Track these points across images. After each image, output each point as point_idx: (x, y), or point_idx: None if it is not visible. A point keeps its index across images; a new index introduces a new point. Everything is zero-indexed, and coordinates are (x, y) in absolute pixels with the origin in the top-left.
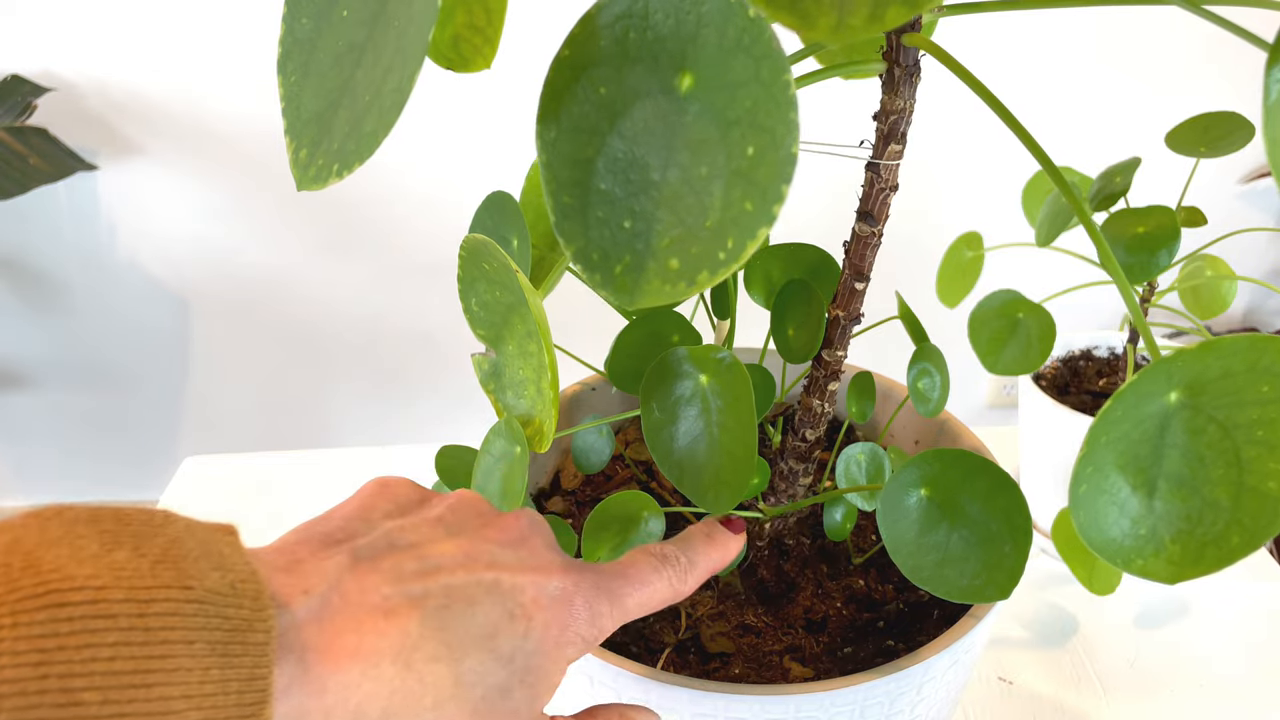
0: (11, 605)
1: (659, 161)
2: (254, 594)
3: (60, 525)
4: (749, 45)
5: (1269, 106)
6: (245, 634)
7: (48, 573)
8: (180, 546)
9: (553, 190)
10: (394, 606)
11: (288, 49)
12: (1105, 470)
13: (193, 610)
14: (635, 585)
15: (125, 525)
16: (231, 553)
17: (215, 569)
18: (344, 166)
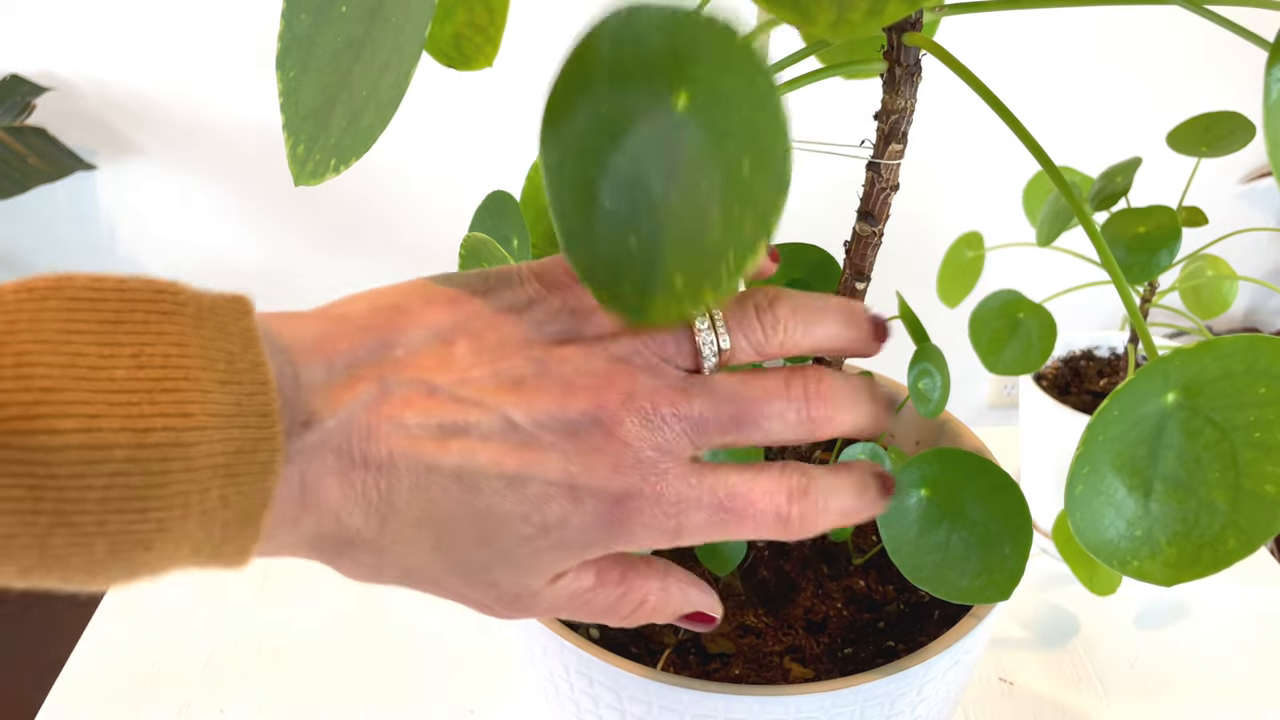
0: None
1: (660, 179)
2: (263, 411)
3: (58, 310)
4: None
5: (1269, 106)
6: (251, 455)
7: (39, 392)
8: (183, 356)
9: (558, 210)
10: (393, 464)
11: (286, 45)
12: (1101, 471)
13: (193, 439)
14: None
15: (129, 314)
16: (243, 351)
17: (221, 383)
18: (341, 161)
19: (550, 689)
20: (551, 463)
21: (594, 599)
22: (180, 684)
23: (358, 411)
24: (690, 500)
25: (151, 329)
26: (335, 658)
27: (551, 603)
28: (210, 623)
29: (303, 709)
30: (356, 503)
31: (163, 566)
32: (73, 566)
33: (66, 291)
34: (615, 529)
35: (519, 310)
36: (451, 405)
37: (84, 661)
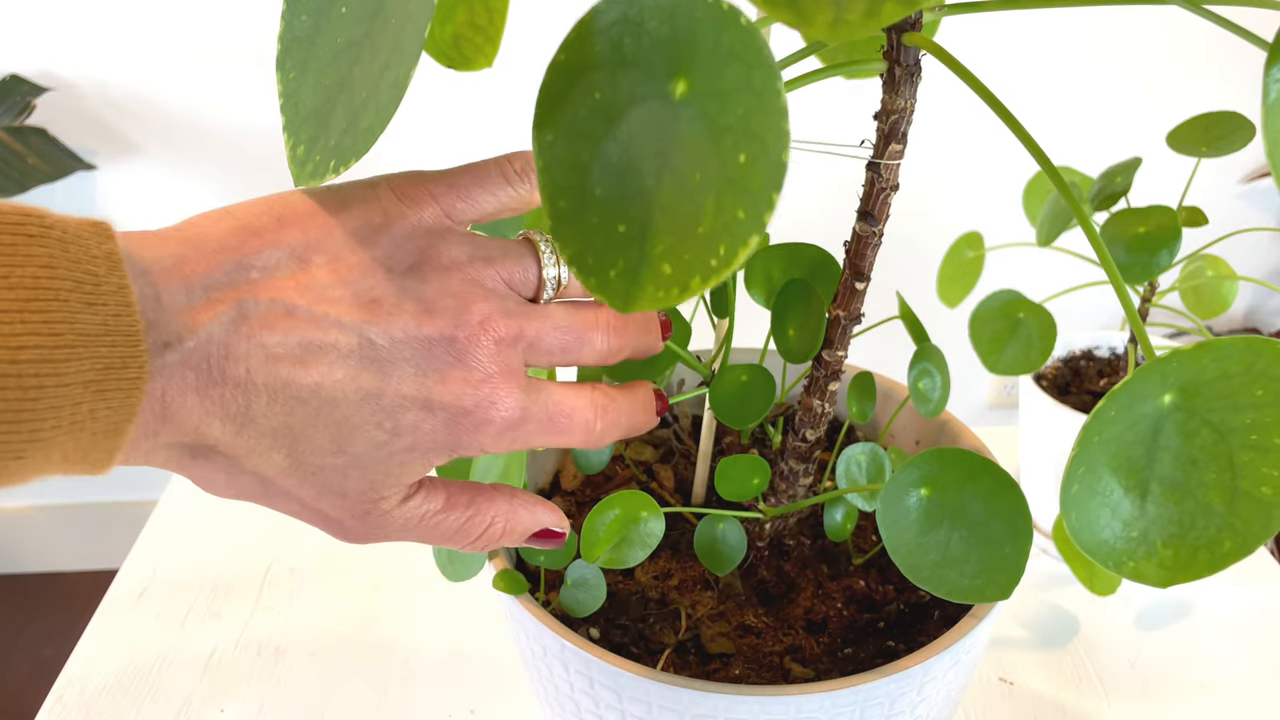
0: None
1: (653, 167)
2: (128, 331)
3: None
4: (741, 52)
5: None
6: (120, 371)
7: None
8: (51, 276)
9: (549, 194)
10: (250, 381)
11: (287, 46)
12: (1097, 471)
13: (63, 356)
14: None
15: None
16: (108, 274)
17: (88, 304)
18: (340, 162)
19: (550, 689)
20: (407, 377)
21: (444, 520)
22: (180, 684)
23: (216, 331)
24: (528, 413)
25: (20, 251)
26: (335, 658)
27: (404, 523)
28: (210, 623)
29: (303, 709)
30: (215, 416)
31: (31, 474)
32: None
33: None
34: (462, 435)
35: (377, 229)
36: (309, 325)
37: (84, 661)
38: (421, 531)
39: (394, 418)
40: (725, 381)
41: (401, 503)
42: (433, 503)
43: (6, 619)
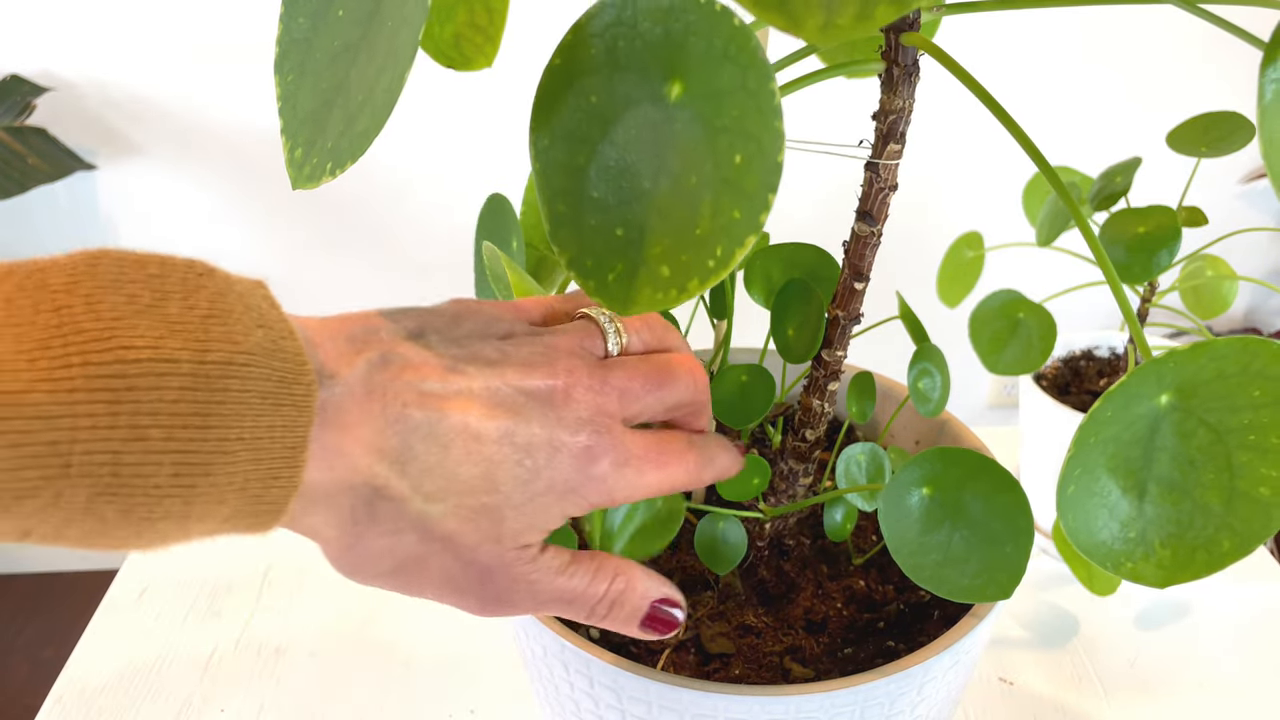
0: (80, 347)
1: (650, 169)
2: (294, 352)
3: (110, 267)
4: (735, 54)
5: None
6: (290, 385)
7: (110, 320)
8: (223, 301)
9: (547, 198)
10: (404, 416)
11: (285, 49)
12: (1095, 472)
13: (243, 361)
14: (664, 470)
15: (170, 273)
16: (270, 309)
17: (258, 326)
18: (337, 165)
19: (550, 689)
20: (531, 418)
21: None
22: (180, 684)
23: (370, 371)
24: (634, 450)
25: (191, 283)
26: (335, 658)
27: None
28: (210, 623)
29: (303, 709)
30: (381, 453)
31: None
32: (137, 494)
33: (112, 254)
34: (585, 473)
35: (465, 317)
36: (444, 372)
37: (84, 661)
38: (552, 593)
39: (531, 455)
40: (725, 382)
41: (539, 554)
42: (561, 557)
43: (6, 619)
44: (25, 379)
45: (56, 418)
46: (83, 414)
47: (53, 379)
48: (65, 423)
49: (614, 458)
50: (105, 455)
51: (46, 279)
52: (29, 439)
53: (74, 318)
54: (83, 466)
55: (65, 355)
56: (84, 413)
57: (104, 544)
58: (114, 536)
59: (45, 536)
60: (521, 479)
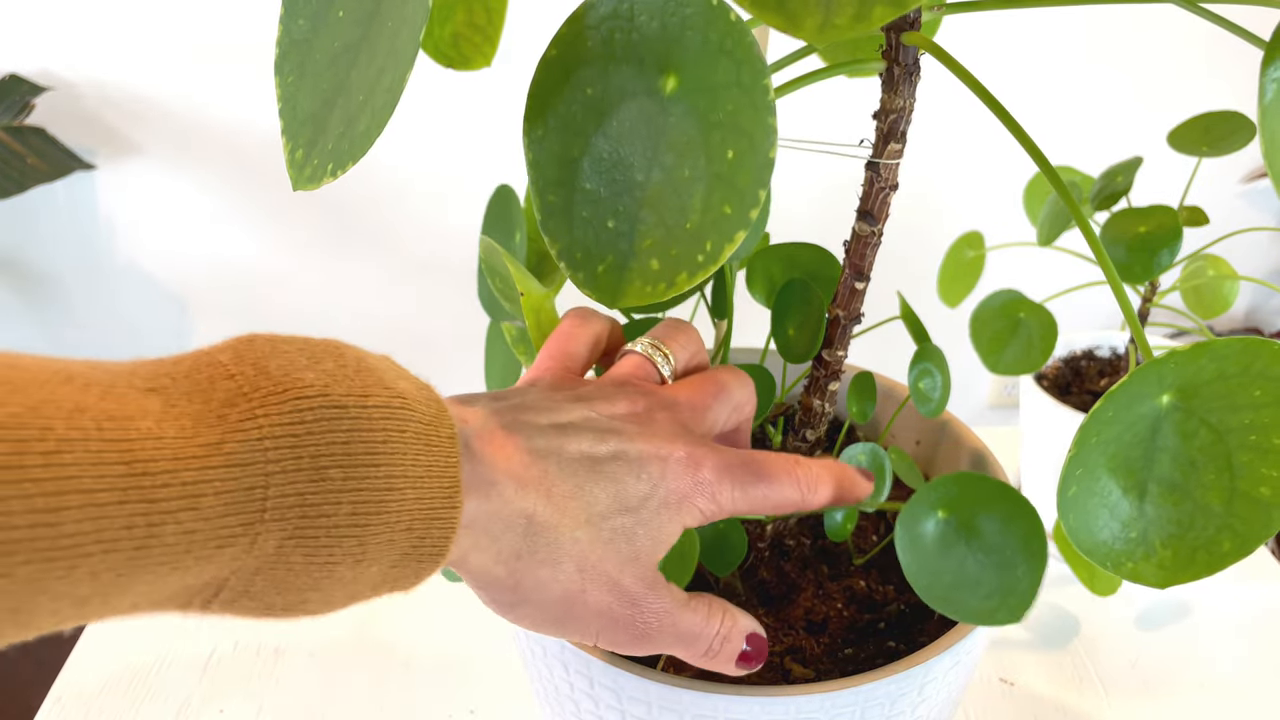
0: (260, 400)
1: (643, 162)
2: (435, 399)
3: (264, 343)
4: (731, 49)
5: (1265, 106)
6: (437, 427)
7: (279, 377)
8: (367, 361)
9: (539, 188)
10: (534, 448)
11: (285, 50)
12: (1095, 472)
13: (399, 405)
14: (764, 480)
15: (316, 346)
16: (403, 369)
17: (400, 378)
18: (338, 166)
19: (550, 689)
20: (634, 436)
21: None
22: (180, 684)
23: (490, 417)
24: (731, 460)
25: (335, 350)
26: (335, 658)
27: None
28: (210, 623)
29: (302, 709)
30: (524, 481)
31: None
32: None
33: (262, 336)
34: (695, 478)
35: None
36: (552, 412)
37: (84, 661)
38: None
39: (645, 468)
40: None
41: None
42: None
43: None
44: (219, 432)
45: (251, 464)
46: (273, 459)
47: (243, 430)
48: (259, 468)
49: (714, 463)
50: (294, 496)
51: (214, 358)
52: (230, 485)
53: (248, 380)
54: (276, 509)
55: (249, 409)
56: (274, 458)
57: (283, 602)
58: (294, 589)
59: (235, 591)
60: (643, 494)
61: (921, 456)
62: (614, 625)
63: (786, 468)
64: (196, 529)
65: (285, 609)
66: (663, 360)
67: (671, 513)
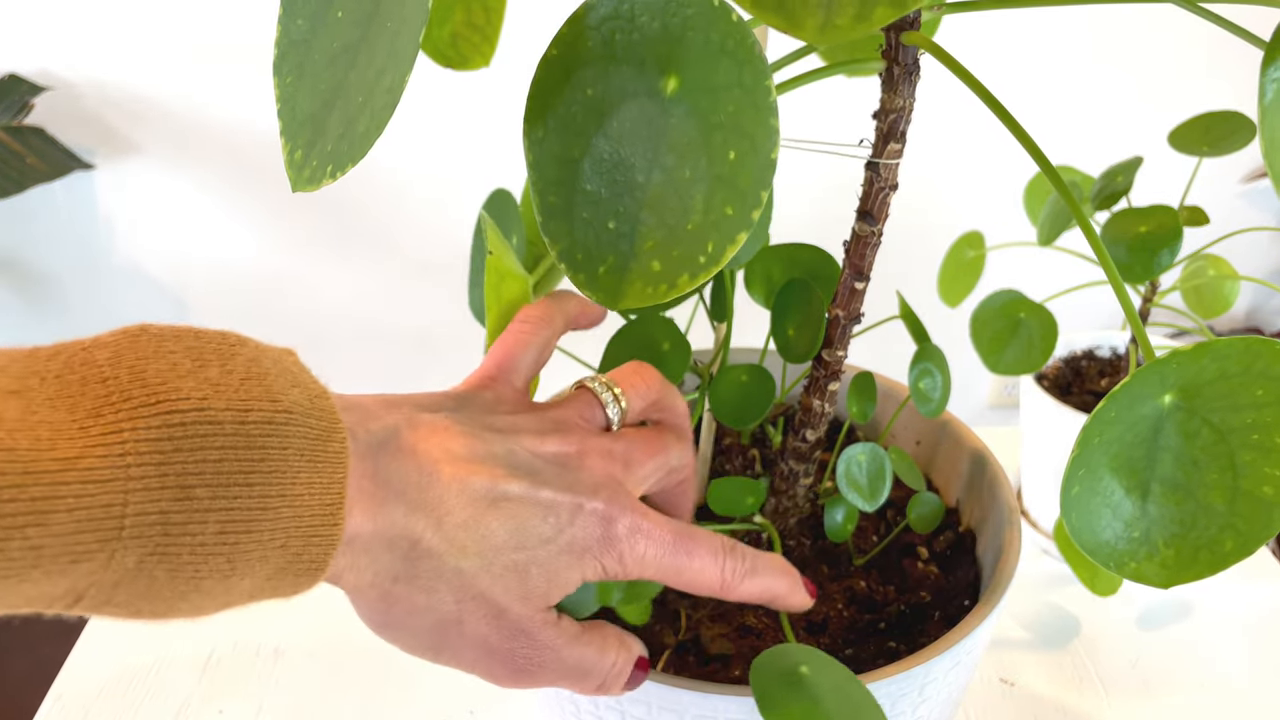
0: (129, 412)
1: (644, 163)
2: (328, 409)
3: (150, 341)
4: (733, 49)
5: (1265, 106)
6: (326, 442)
7: (155, 385)
8: (259, 365)
9: (539, 189)
10: (438, 474)
11: (283, 50)
12: (1098, 472)
13: (282, 419)
14: (684, 554)
15: (206, 343)
16: (300, 372)
17: (293, 386)
18: (337, 167)
19: (550, 689)
20: (551, 479)
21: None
22: (180, 684)
23: (399, 429)
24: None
25: (225, 351)
26: (334, 658)
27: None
28: (210, 623)
29: (302, 709)
30: (416, 505)
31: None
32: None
33: (151, 330)
34: (605, 533)
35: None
36: (467, 437)
37: (84, 661)
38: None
39: (554, 513)
40: (725, 382)
41: (558, 621)
42: (574, 625)
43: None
44: (80, 445)
45: (110, 480)
46: (135, 476)
47: (105, 444)
48: (118, 485)
49: (629, 523)
50: (155, 515)
51: (92, 356)
52: (85, 502)
53: (121, 386)
54: (135, 528)
55: (116, 422)
56: (136, 475)
57: (150, 609)
58: (160, 599)
59: (96, 601)
60: (546, 536)
61: (921, 456)
62: (490, 657)
63: (712, 551)
64: (44, 544)
65: (154, 615)
66: (612, 403)
67: (573, 560)
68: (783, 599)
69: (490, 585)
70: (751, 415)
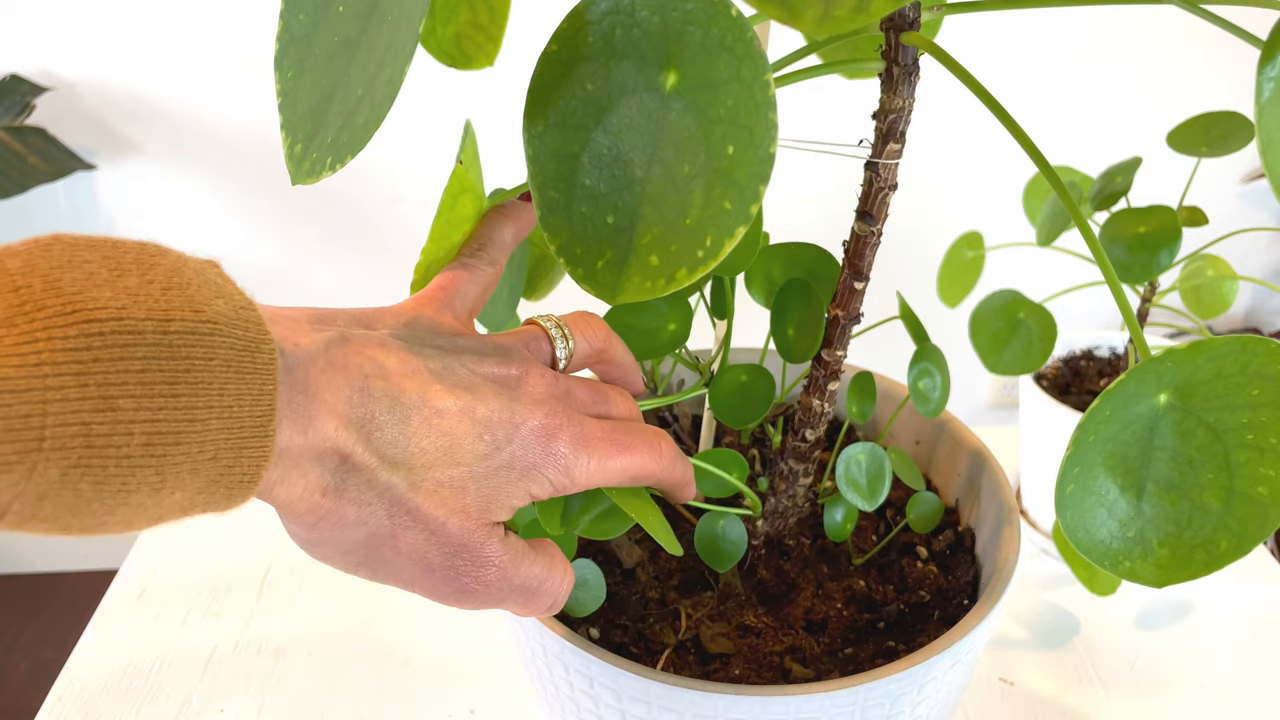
0: (44, 322)
1: (643, 158)
2: (255, 320)
3: (64, 249)
4: (732, 44)
5: (1262, 105)
6: (254, 354)
7: (71, 295)
8: (180, 275)
9: (539, 184)
10: (368, 387)
11: (284, 45)
12: (1093, 471)
13: (207, 330)
14: (625, 451)
15: (124, 253)
16: (225, 283)
17: (217, 297)
18: (337, 160)
19: (550, 689)
20: (488, 396)
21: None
22: (180, 684)
23: (330, 345)
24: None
25: (145, 260)
26: (335, 658)
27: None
28: (210, 623)
29: (302, 709)
30: (346, 420)
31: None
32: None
33: (65, 239)
34: (546, 449)
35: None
36: (403, 353)
37: (84, 661)
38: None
39: (491, 430)
40: (725, 381)
41: (505, 537)
42: (522, 542)
43: (6, 619)
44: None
45: (26, 390)
46: (53, 386)
47: (20, 354)
48: (36, 395)
49: (571, 436)
50: (77, 426)
51: (3, 264)
52: (2, 413)
53: (34, 295)
54: (56, 439)
55: (30, 331)
56: (54, 385)
57: (79, 523)
58: (89, 513)
59: (21, 515)
60: (481, 453)
61: (921, 456)
62: (429, 574)
63: (648, 440)
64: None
65: (83, 529)
66: (560, 340)
67: (515, 477)
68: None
69: (425, 501)
70: (752, 415)
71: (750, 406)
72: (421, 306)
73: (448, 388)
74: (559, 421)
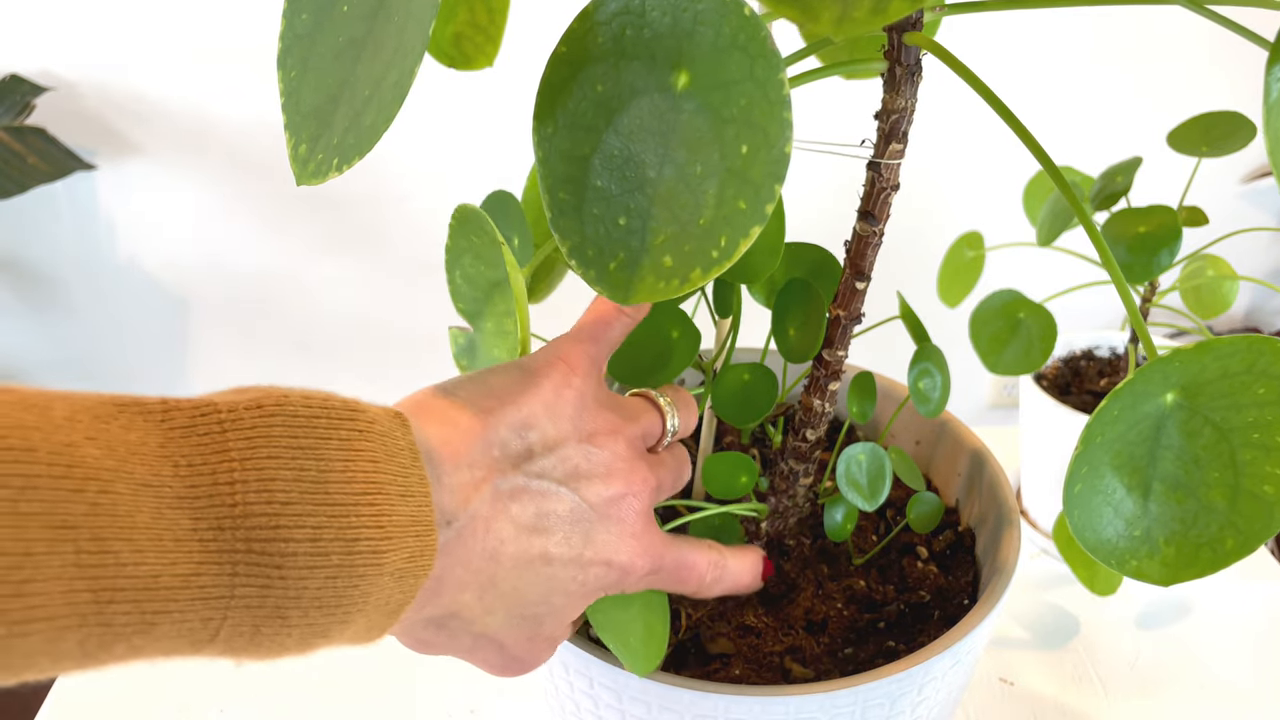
0: (247, 534)
1: (655, 159)
2: (426, 521)
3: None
4: (744, 43)
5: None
6: (417, 561)
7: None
8: (378, 474)
9: (549, 186)
10: (501, 551)
11: (288, 44)
12: (1100, 470)
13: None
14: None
15: (335, 429)
16: (410, 467)
17: (401, 496)
18: (343, 161)
19: (550, 689)
20: (598, 539)
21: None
22: (180, 684)
23: (480, 508)
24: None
25: (352, 446)
26: (335, 658)
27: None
28: None
29: (302, 709)
30: (471, 586)
31: (317, 649)
32: (262, 649)
33: (288, 409)
34: (620, 583)
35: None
36: (540, 496)
37: None
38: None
39: (586, 572)
40: (727, 380)
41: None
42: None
43: None
44: (197, 559)
45: (218, 599)
46: (239, 596)
47: (219, 563)
48: (222, 603)
49: (644, 570)
50: (248, 628)
51: (227, 443)
52: (189, 616)
53: (247, 501)
54: (227, 639)
55: (233, 542)
56: (240, 594)
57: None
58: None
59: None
60: (571, 592)
61: (921, 456)
62: (485, 664)
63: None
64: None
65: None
66: (671, 417)
67: (582, 602)
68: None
69: (505, 632)
70: (754, 414)
71: (753, 405)
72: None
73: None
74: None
